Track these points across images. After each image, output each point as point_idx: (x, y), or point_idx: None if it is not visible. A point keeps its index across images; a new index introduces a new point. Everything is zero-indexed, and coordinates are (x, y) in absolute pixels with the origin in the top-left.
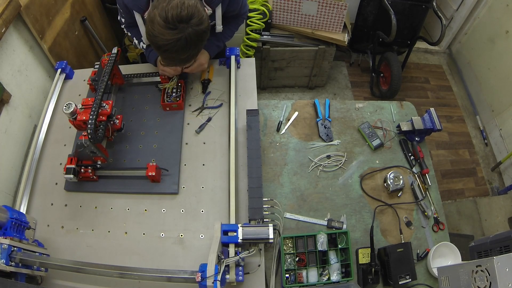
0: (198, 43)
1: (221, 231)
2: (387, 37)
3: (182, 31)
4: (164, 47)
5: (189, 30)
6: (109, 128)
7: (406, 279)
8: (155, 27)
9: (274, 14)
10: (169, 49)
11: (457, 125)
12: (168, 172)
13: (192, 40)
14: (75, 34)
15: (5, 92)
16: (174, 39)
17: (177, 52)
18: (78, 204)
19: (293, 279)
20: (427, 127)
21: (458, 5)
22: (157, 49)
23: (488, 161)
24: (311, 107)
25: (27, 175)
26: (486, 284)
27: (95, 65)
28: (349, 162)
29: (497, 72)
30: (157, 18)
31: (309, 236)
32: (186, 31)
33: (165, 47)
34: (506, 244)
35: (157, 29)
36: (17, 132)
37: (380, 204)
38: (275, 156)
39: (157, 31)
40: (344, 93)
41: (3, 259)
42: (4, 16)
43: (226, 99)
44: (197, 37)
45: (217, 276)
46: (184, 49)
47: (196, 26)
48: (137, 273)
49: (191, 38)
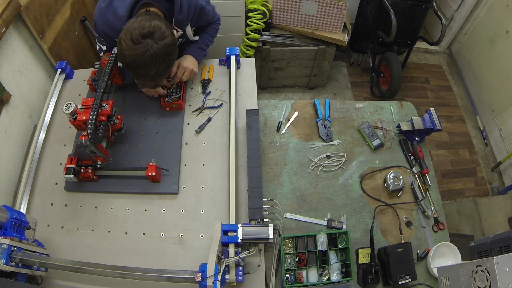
0: (164, 57)
1: (221, 231)
2: (387, 37)
3: (146, 45)
4: (133, 64)
5: (154, 45)
6: (109, 128)
7: (406, 279)
8: (122, 45)
9: (274, 14)
10: (138, 65)
11: (457, 125)
12: (168, 172)
13: (157, 54)
14: (75, 34)
15: (5, 92)
16: (140, 53)
17: (145, 67)
18: (78, 204)
19: (293, 279)
20: (427, 127)
21: (458, 5)
22: (128, 69)
23: (488, 161)
24: (311, 107)
25: (27, 175)
26: (486, 284)
27: (95, 65)
28: (349, 162)
29: (497, 72)
30: (123, 37)
31: (309, 236)
32: (150, 45)
33: (134, 63)
34: (506, 244)
35: (124, 46)
36: (17, 132)
37: (380, 204)
38: (275, 156)
39: (125, 48)
40: (344, 93)
41: (3, 259)
42: (4, 16)
43: (226, 99)
44: (162, 51)
45: (217, 276)
46: (151, 64)
47: (160, 40)
48: (137, 273)
49: (156, 52)
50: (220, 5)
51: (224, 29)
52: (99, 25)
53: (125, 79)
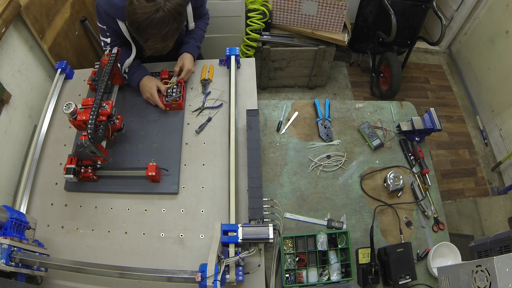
0: (176, 16)
1: (221, 231)
2: (387, 37)
3: (159, 3)
4: (144, 23)
5: (167, 3)
6: (109, 128)
7: (406, 279)
8: (134, 4)
9: (274, 14)
10: (150, 24)
11: (457, 125)
12: (168, 172)
13: (170, 11)
14: (75, 34)
15: (5, 92)
16: (153, 10)
17: (158, 26)
18: (78, 204)
19: (293, 279)
20: (427, 127)
21: (458, 5)
22: (138, 30)
23: (488, 161)
24: (311, 107)
25: (27, 175)
26: (486, 284)
27: (95, 65)
28: (349, 162)
29: (497, 72)
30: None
31: (309, 236)
32: (163, 4)
33: (145, 22)
34: (506, 244)
35: (136, 5)
36: (17, 132)
37: (380, 204)
38: (275, 156)
39: (137, 7)
40: (344, 93)
41: (3, 259)
42: (4, 16)
43: (226, 99)
44: (174, 9)
45: (217, 276)
46: (164, 22)
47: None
48: (137, 273)
49: (169, 10)
50: (220, 5)
51: (224, 29)
52: (101, 4)
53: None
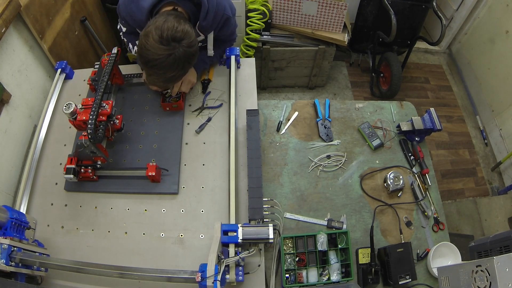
0: (185, 64)
1: (221, 231)
2: (387, 37)
3: (173, 49)
4: (153, 62)
5: (180, 50)
6: (109, 128)
7: (406, 279)
8: (149, 41)
9: (274, 14)
10: (158, 65)
11: (457, 125)
12: (168, 172)
13: (180, 59)
14: (75, 34)
15: (5, 92)
16: (164, 54)
17: (165, 69)
18: (78, 204)
19: (293, 279)
20: (427, 127)
21: (458, 5)
22: (145, 64)
23: (488, 161)
24: (311, 107)
25: (27, 175)
26: (486, 284)
27: (95, 65)
28: (349, 162)
29: (497, 72)
30: (152, 33)
31: (309, 236)
32: (176, 50)
33: (154, 61)
34: (506, 244)
35: (151, 43)
36: (17, 132)
37: (380, 204)
38: (275, 156)
39: (150, 45)
40: (344, 93)
41: (3, 259)
42: (4, 16)
43: (226, 99)
44: (185, 58)
45: (217, 276)
46: (171, 67)
47: (187, 47)
48: (137, 273)
49: (180, 58)
50: None
51: None
52: (122, 11)
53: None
